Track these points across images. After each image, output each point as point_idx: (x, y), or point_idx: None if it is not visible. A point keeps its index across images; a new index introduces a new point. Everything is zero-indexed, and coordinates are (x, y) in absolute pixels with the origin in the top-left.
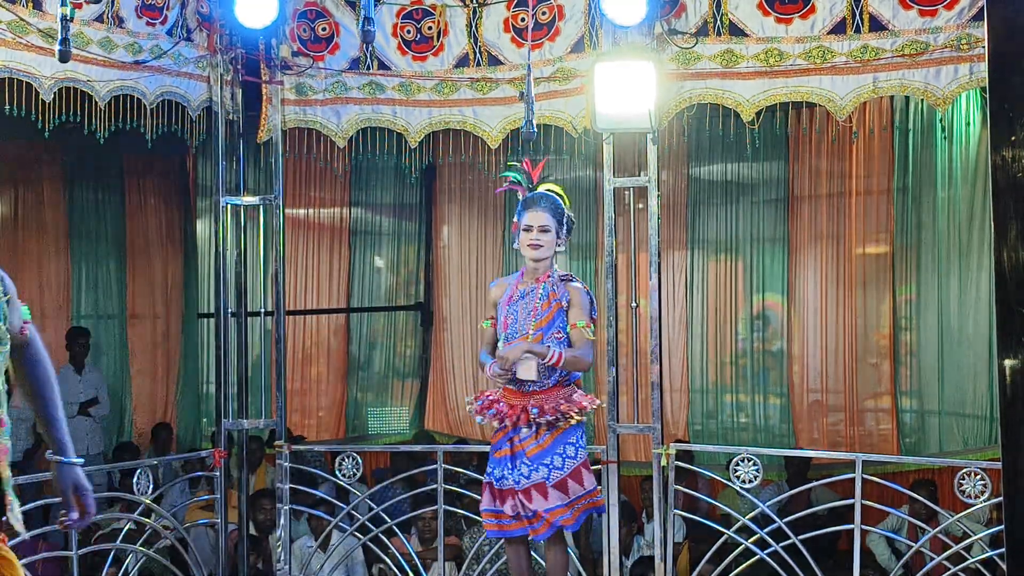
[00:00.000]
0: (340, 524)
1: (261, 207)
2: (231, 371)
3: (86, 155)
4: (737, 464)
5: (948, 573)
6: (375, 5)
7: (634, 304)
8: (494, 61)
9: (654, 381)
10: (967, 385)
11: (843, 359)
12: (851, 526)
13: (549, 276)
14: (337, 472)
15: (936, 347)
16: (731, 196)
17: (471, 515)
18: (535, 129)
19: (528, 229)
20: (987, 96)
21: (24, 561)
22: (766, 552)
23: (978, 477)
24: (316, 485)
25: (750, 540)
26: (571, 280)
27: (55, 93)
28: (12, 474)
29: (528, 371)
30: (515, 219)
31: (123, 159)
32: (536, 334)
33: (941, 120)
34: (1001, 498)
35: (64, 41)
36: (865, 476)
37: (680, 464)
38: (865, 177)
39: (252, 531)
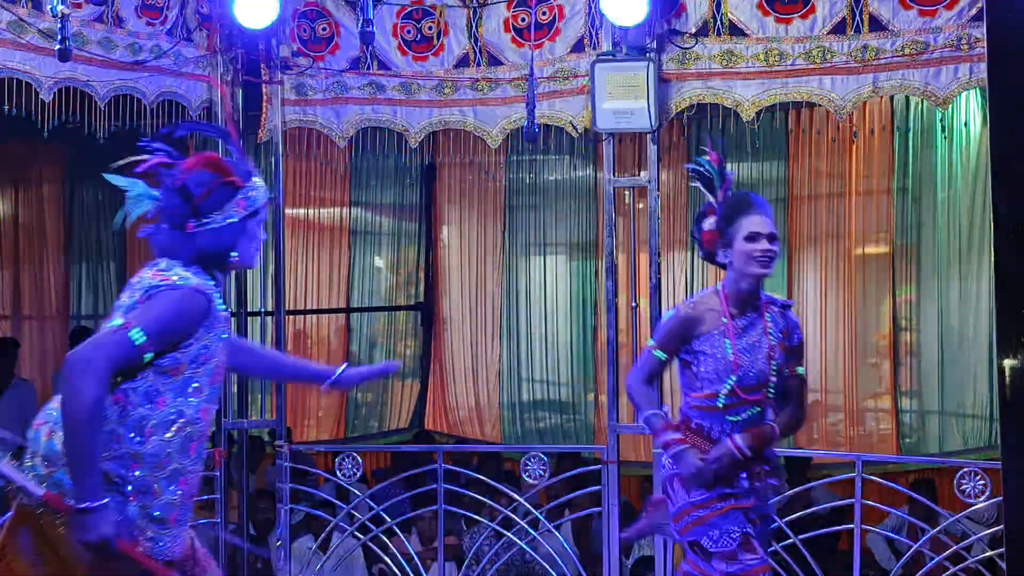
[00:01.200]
0: (340, 524)
1: None
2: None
3: (86, 155)
4: None
5: (948, 573)
6: (375, 5)
7: (634, 304)
8: (494, 61)
9: None
10: (967, 385)
11: (843, 359)
12: (851, 526)
13: (769, 304)
14: (337, 472)
15: (936, 347)
16: None
17: (471, 515)
18: (537, 129)
19: (754, 238)
20: (987, 96)
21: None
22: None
23: (978, 477)
24: (316, 485)
25: None
26: (790, 307)
27: (55, 93)
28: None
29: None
30: (712, 227)
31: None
32: (776, 381)
33: (941, 120)
34: (1001, 498)
35: (64, 40)
36: (865, 476)
37: None
38: (865, 177)
39: (252, 531)
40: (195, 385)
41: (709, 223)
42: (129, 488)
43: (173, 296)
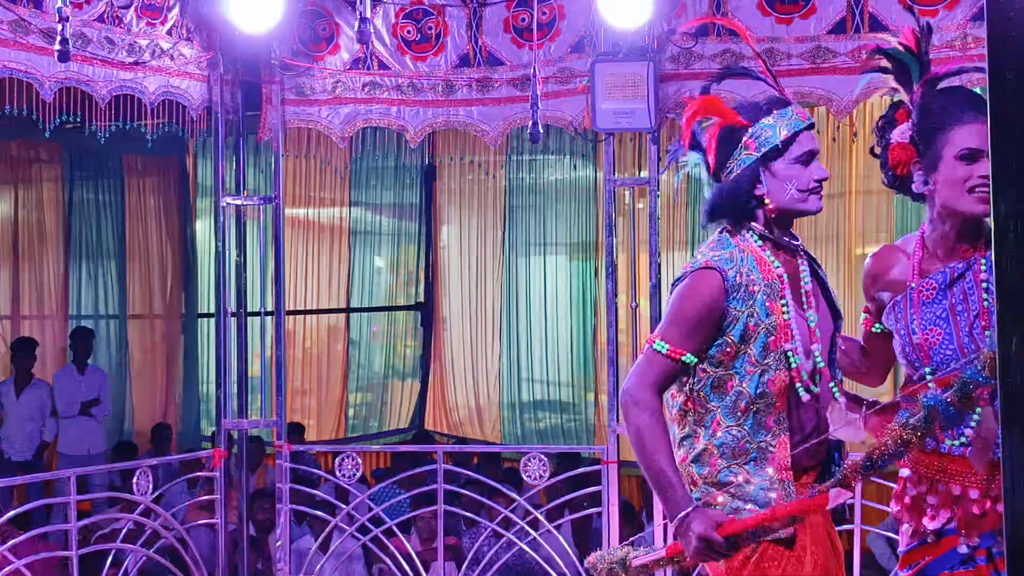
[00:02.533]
0: (340, 524)
1: (261, 207)
2: (231, 371)
3: (86, 155)
4: None
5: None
6: (375, 5)
7: (634, 304)
8: (495, 61)
9: None
10: None
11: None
12: (851, 526)
13: (988, 246)
14: (337, 472)
15: None
16: None
17: (471, 515)
18: (540, 130)
19: (972, 157)
20: (987, 96)
21: (24, 561)
22: None
23: None
24: (316, 485)
25: None
26: None
27: (55, 93)
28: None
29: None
30: (905, 138)
31: (123, 159)
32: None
33: None
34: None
35: (64, 41)
36: None
37: None
38: (865, 177)
39: (252, 531)
40: (749, 360)
41: (900, 132)
42: (712, 483)
43: (681, 288)
